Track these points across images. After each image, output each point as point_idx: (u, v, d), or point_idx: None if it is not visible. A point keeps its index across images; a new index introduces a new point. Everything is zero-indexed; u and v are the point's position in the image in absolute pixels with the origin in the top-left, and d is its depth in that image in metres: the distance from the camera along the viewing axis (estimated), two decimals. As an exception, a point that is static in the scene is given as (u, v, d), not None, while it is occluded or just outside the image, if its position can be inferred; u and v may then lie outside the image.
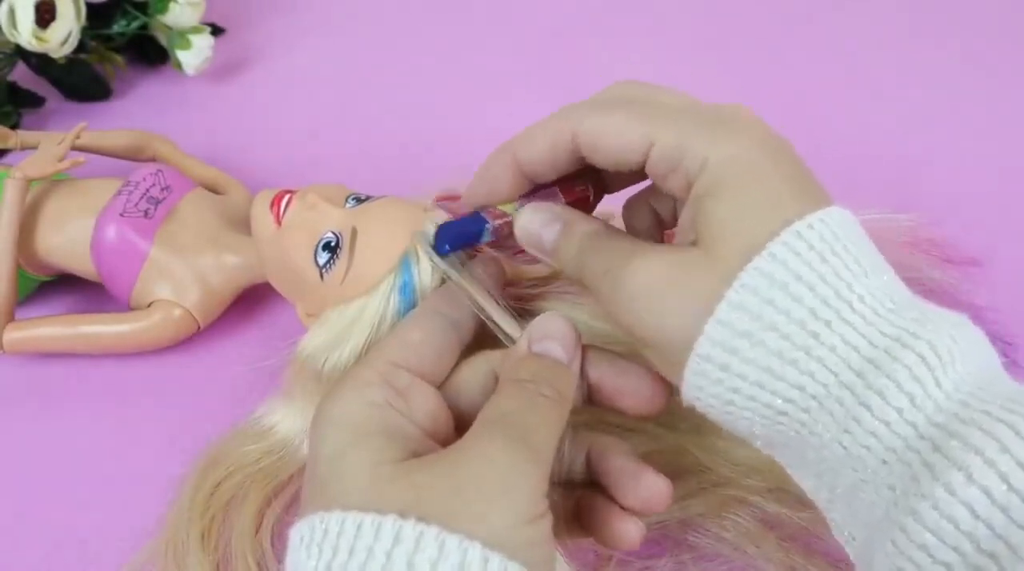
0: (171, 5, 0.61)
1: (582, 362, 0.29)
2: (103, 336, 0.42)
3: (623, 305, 0.26)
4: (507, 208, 0.31)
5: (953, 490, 0.21)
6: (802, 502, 0.33)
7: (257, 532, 0.34)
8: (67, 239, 0.43)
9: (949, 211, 0.47)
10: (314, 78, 0.66)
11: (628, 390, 0.29)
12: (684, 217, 0.27)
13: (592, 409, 0.31)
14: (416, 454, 0.25)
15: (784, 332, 0.24)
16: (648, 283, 0.26)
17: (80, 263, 0.43)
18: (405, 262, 0.33)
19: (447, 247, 0.32)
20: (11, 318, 0.42)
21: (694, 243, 0.26)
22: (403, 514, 0.22)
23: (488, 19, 0.73)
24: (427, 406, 0.28)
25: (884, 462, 0.23)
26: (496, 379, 0.30)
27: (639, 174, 0.29)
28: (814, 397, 0.24)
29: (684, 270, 0.25)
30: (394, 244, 0.34)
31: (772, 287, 0.24)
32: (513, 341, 0.30)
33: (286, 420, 0.37)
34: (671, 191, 0.28)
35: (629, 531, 0.28)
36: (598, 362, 0.30)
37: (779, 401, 0.24)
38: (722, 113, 0.27)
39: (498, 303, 0.31)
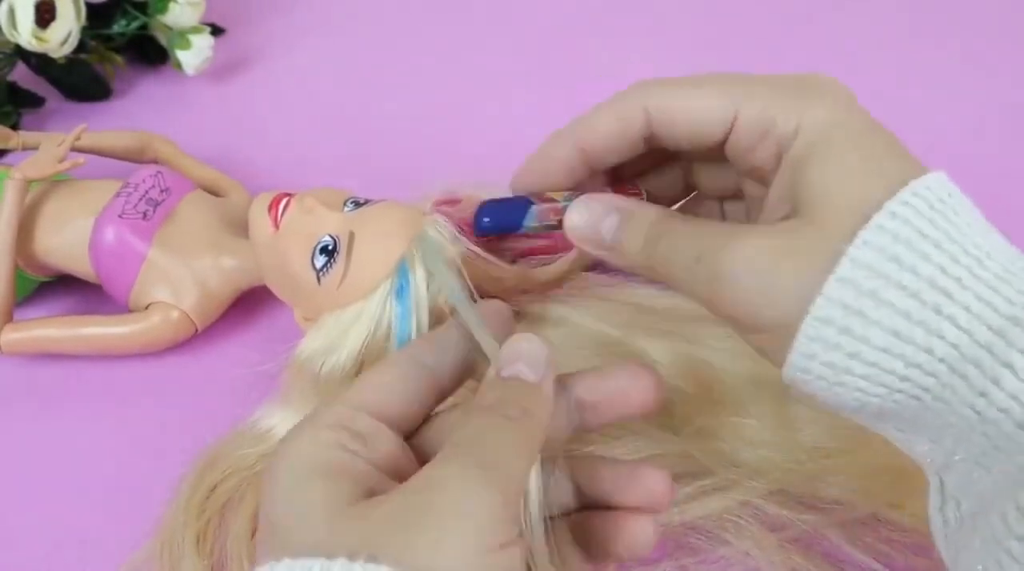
0: (171, 5, 0.61)
1: (570, 390, 0.28)
2: (101, 337, 0.42)
3: (725, 290, 0.25)
4: (555, 196, 0.30)
5: None
6: (805, 504, 0.33)
7: (253, 535, 0.34)
8: (66, 240, 0.43)
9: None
10: (314, 78, 0.66)
11: (621, 389, 0.28)
12: (775, 190, 0.26)
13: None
14: (374, 494, 0.23)
15: (912, 290, 0.22)
16: (753, 262, 0.24)
17: (79, 264, 0.43)
18: (402, 267, 0.33)
19: (486, 222, 0.30)
20: (10, 319, 0.42)
21: (789, 215, 0.25)
22: (352, 555, 0.21)
23: (488, 19, 0.73)
24: (387, 450, 0.26)
25: (1022, 426, 0.21)
26: None
27: (713, 151, 0.27)
28: (943, 360, 0.22)
29: (793, 242, 0.24)
30: (392, 249, 0.34)
31: (896, 243, 0.22)
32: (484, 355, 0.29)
33: (284, 423, 0.37)
34: (757, 165, 0.26)
35: (642, 531, 0.27)
36: (581, 380, 0.28)
37: (901, 365, 0.23)
38: (806, 80, 0.26)
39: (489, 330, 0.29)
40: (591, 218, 0.28)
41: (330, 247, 0.35)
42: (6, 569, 0.35)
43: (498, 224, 0.30)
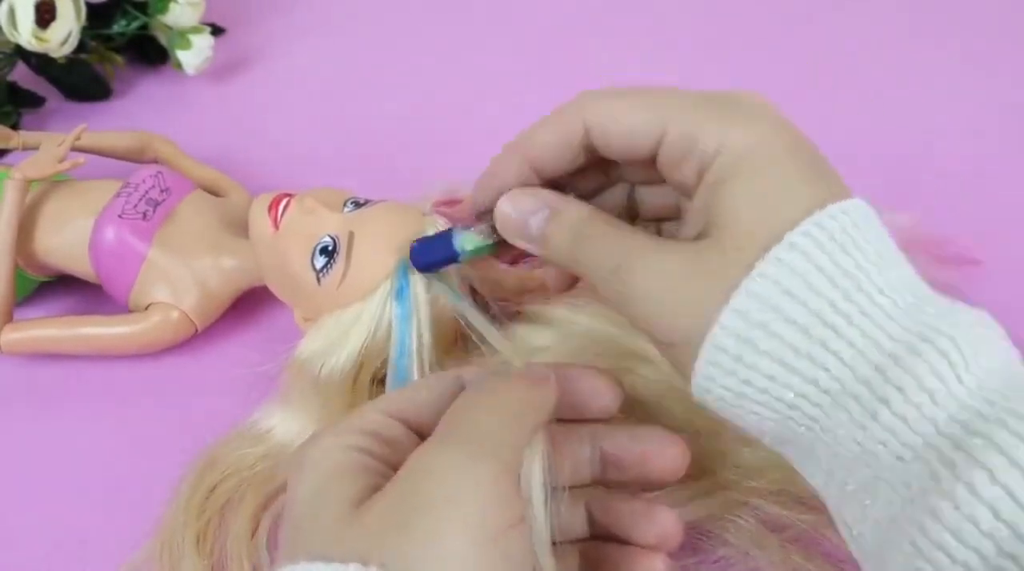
0: (171, 5, 0.61)
1: (597, 441, 0.29)
2: (101, 338, 0.42)
3: (636, 302, 0.26)
4: None
5: (975, 490, 0.21)
6: (805, 504, 0.33)
7: (253, 536, 0.34)
8: (66, 240, 0.43)
9: (949, 211, 0.47)
10: (314, 78, 0.66)
11: (651, 454, 0.29)
12: (694, 207, 0.26)
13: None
14: None
15: (802, 324, 0.23)
16: (662, 279, 0.25)
17: (79, 264, 0.43)
18: (402, 268, 0.33)
19: (419, 261, 0.32)
20: (10, 319, 0.42)
21: (702, 234, 0.25)
22: (365, 562, 0.21)
23: (488, 19, 0.73)
24: (406, 448, 0.26)
25: (900, 458, 0.22)
26: None
27: (648, 167, 0.28)
28: (827, 392, 0.23)
29: (699, 263, 0.25)
30: (391, 250, 0.34)
31: (792, 277, 0.23)
32: (496, 352, 0.30)
33: (283, 424, 0.37)
34: (682, 181, 0.27)
35: (654, 568, 0.29)
36: (610, 435, 0.29)
37: (791, 395, 0.24)
38: (736, 98, 0.26)
39: (489, 315, 0.30)
40: (522, 209, 0.28)
41: (330, 248, 0.35)
42: (6, 569, 0.35)
43: (429, 260, 0.31)
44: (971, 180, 0.53)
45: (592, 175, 0.30)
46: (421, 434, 0.26)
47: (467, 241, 0.31)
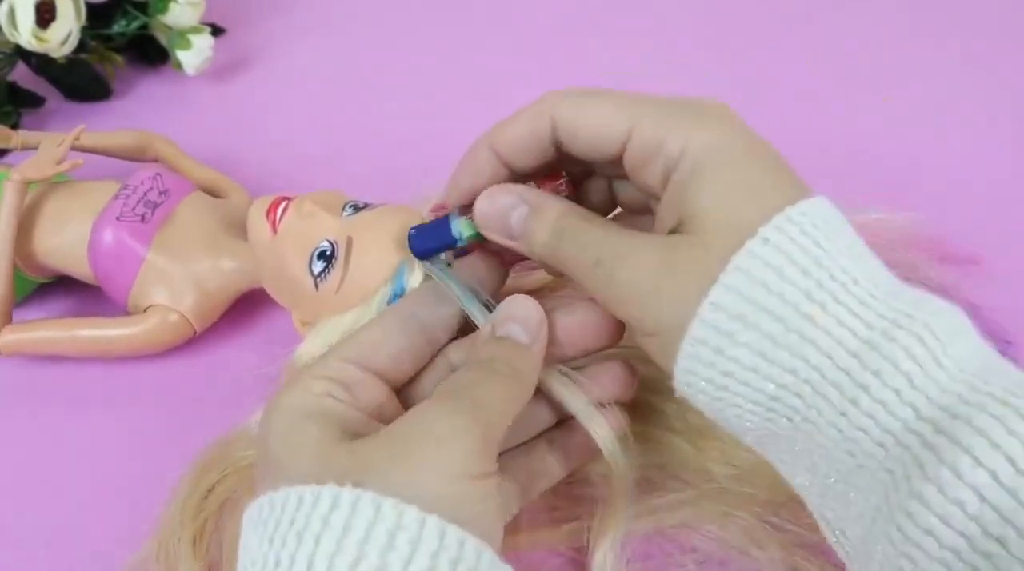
0: (171, 5, 0.61)
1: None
2: (99, 339, 0.42)
3: (618, 296, 0.26)
4: None
5: (960, 474, 0.21)
6: (804, 503, 0.32)
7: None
8: (65, 241, 0.43)
9: (949, 210, 0.47)
10: (314, 78, 0.66)
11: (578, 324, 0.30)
12: (664, 207, 0.27)
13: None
14: (361, 436, 0.25)
15: (778, 315, 0.24)
16: (641, 273, 0.26)
17: (78, 265, 0.43)
18: (400, 272, 0.33)
19: (417, 246, 0.32)
20: (9, 320, 0.42)
21: (675, 230, 0.26)
22: (340, 482, 0.22)
23: (488, 19, 0.73)
24: (372, 397, 0.28)
25: (881, 445, 0.23)
26: None
27: (615, 165, 0.29)
28: (807, 381, 0.24)
29: (676, 257, 0.25)
30: (389, 254, 0.34)
31: (766, 269, 0.24)
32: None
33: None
34: (647, 182, 0.28)
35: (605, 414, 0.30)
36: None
37: (771, 386, 0.24)
38: (696, 104, 0.27)
39: (486, 305, 0.30)
40: (500, 207, 0.29)
41: (328, 252, 0.34)
42: (6, 569, 0.35)
43: (428, 245, 0.32)
44: (971, 180, 0.53)
45: (573, 167, 0.31)
46: (377, 372, 0.28)
47: (465, 227, 0.31)
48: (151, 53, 0.66)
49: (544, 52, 0.67)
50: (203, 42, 0.62)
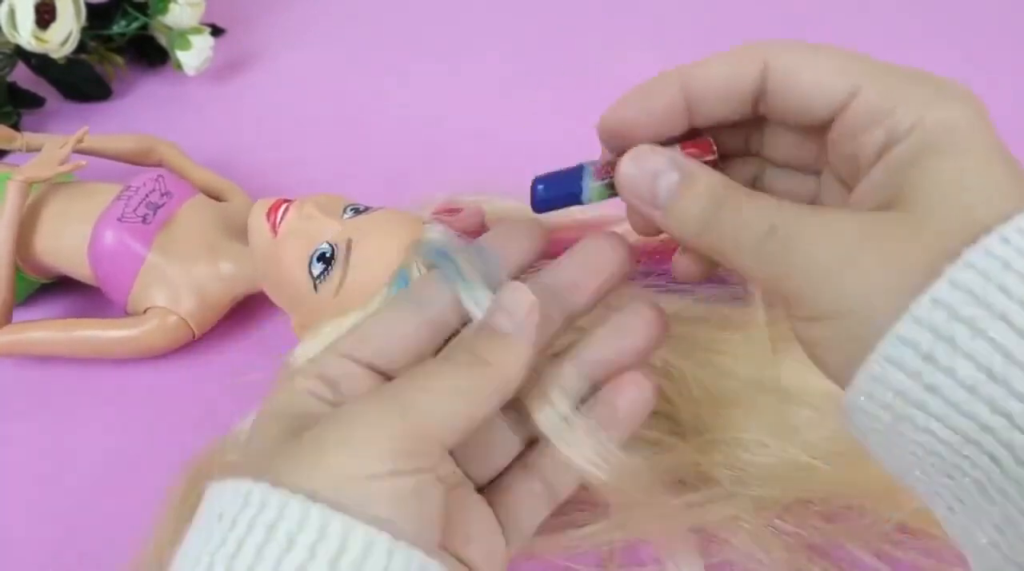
0: (171, 5, 0.61)
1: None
2: (98, 341, 0.42)
3: (795, 269, 0.22)
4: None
5: None
6: (816, 512, 0.32)
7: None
8: (66, 242, 0.43)
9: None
10: (314, 78, 0.66)
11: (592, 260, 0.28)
12: (871, 180, 0.23)
13: None
14: None
15: (1019, 326, 0.19)
16: (833, 245, 0.22)
17: (78, 267, 0.43)
18: (401, 275, 0.33)
19: (541, 189, 0.27)
20: (9, 320, 0.42)
21: (882, 208, 0.23)
22: (260, 478, 0.22)
23: (488, 20, 0.73)
24: (360, 390, 0.26)
25: None
26: None
27: (806, 139, 0.25)
28: None
29: (884, 234, 0.22)
30: (390, 257, 0.34)
31: (1006, 271, 0.20)
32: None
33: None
34: (854, 154, 0.24)
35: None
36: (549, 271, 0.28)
37: (986, 411, 0.19)
38: (937, 79, 0.24)
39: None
40: (649, 170, 0.25)
41: (327, 255, 0.34)
42: (5, 569, 0.35)
43: (554, 193, 0.27)
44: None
45: (735, 135, 0.27)
46: (374, 367, 0.27)
47: (595, 174, 0.27)
48: (151, 53, 0.66)
49: (544, 53, 0.67)
50: (203, 42, 0.62)
